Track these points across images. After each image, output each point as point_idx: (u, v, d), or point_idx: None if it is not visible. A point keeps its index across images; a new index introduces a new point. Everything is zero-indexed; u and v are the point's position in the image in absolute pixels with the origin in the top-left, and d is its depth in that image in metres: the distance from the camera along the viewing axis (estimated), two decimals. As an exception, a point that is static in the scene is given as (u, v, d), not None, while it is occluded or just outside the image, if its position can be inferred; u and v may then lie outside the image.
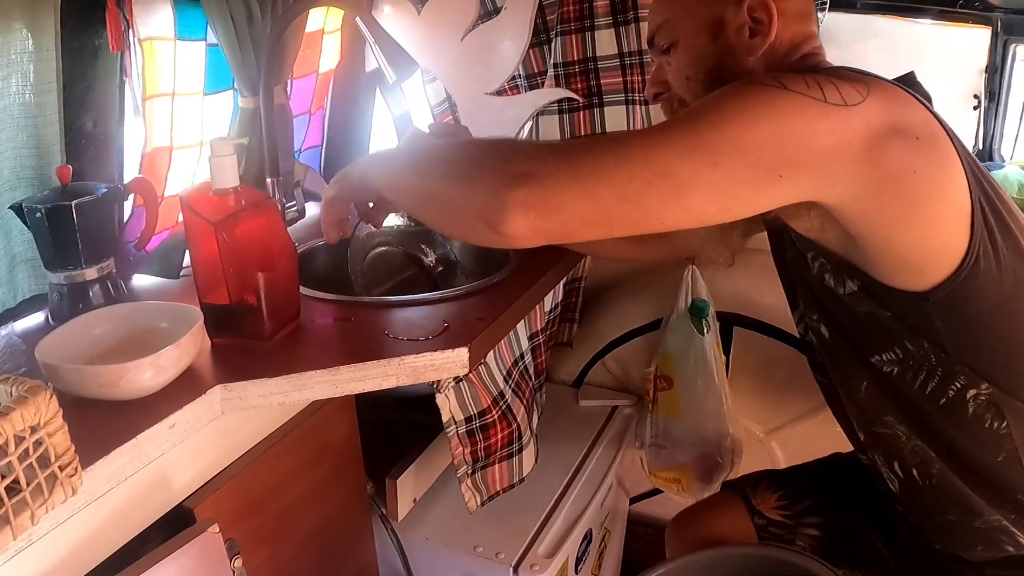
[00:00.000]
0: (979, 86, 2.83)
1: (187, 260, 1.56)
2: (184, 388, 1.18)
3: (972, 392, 1.20)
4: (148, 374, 1.12)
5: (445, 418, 1.49)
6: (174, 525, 1.22)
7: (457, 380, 1.47)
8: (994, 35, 2.72)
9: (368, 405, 1.64)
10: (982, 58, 2.81)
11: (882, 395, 1.31)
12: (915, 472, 1.34)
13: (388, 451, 1.82)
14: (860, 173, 1.06)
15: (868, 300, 1.21)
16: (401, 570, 1.86)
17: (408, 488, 1.80)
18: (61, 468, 0.94)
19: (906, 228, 1.11)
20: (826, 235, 1.21)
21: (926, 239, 1.12)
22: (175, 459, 1.23)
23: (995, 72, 2.78)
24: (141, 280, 1.63)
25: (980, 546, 1.36)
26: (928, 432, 1.28)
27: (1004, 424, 1.21)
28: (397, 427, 1.92)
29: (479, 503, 1.67)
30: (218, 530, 1.22)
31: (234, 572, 1.33)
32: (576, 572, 1.97)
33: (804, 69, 1.23)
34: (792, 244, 1.36)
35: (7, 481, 0.88)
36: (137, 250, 1.58)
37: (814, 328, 1.39)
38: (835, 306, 1.29)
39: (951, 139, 1.12)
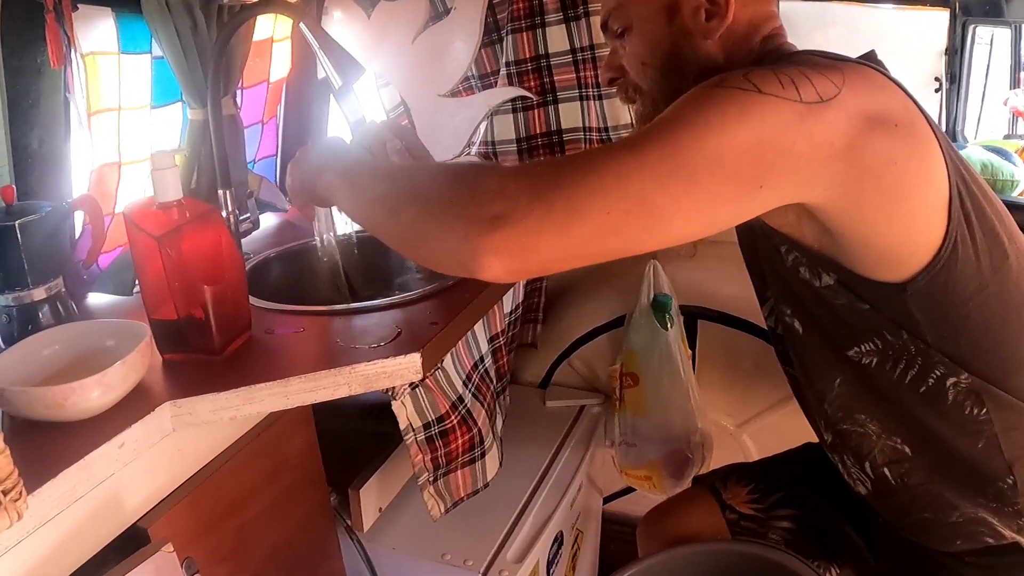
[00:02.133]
0: (940, 69, 2.83)
1: (139, 278, 1.55)
2: (133, 406, 1.16)
3: (952, 380, 1.19)
4: (95, 393, 1.10)
5: (402, 425, 1.47)
6: (129, 546, 1.20)
7: (413, 386, 1.45)
8: (952, 16, 2.72)
9: (329, 415, 1.62)
10: (941, 40, 2.81)
11: (857, 390, 1.29)
12: (886, 472, 1.33)
13: (351, 461, 1.80)
14: (841, 172, 1.02)
15: (845, 293, 1.19)
16: (369, 581, 1.85)
17: (372, 498, 1.78)
18: (4, 492, 0.91)
19: (887, 221, 1.09)
20: (802, 230, 1.18)
21: (907, 230, 1.10)
22: (128, 479, 1.21)
23: (955, 54, 2.78)
24: (96, 299, 1.60)
25: (959, 540, 1.35)
26: (906, 424, 1.27)
27: (984, 411, 1.20)
28: (359, 437, 1.90)
29: (443, 510, 1.65)
30: (172, 549, 1.20)
31: (192, 592, 1.31)
32: None
33: (769, 56, 1.20)
34: (764, 237, 1.32)
35: (-54, 508, 0.87)
36: (84, 268, 1.56)
37: (786, 322, 1.36)
38: (811, 299, 1.26)
39: (927, 121, 1.10)
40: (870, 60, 1.15)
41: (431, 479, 1.58)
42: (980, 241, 1.13)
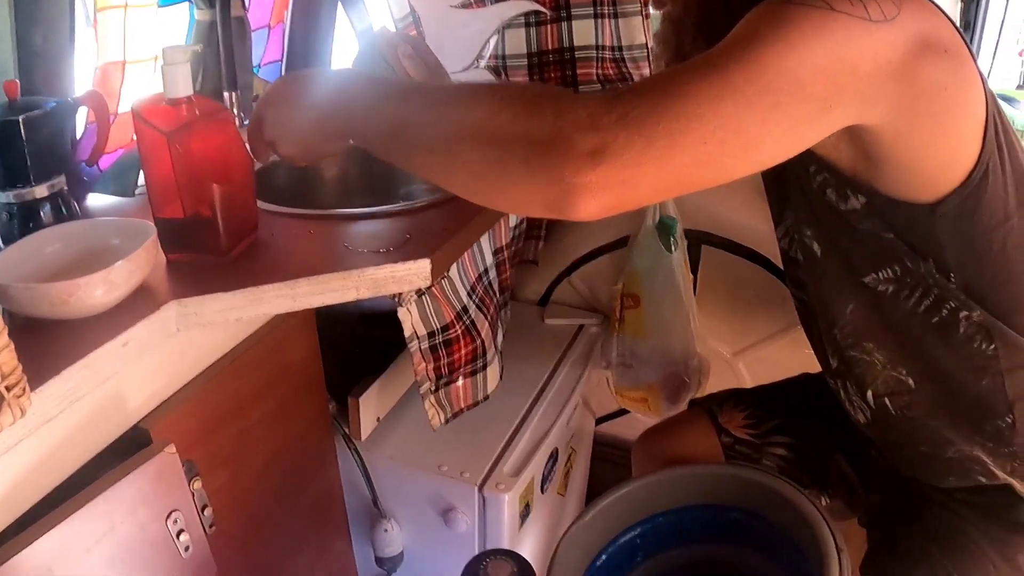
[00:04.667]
0: (955, 15, 2.80)
1: (142, 178, 1.52)
2: (138, 305, 1.14)
3: (964, 314, 1.18)
4: (99, 291, 1.08)
5: (407, 333, 1.47)
6: (130, 447, 1.20)
7: (419, 294, 1.44)
8: (970, -36, 2.70)
9: (330, 322, 1.62)
10: (958, -12, 2.79)
11: (870, 317, 1.27)
12: (888, 402, 1.33)
13: (351, 370, 1.80)
14: (897, 93, 1.00)
15: (871, 217, 1.17)
16: (365, 491, 1.85)
17: (371, 407, 1.79)
18: (8, 388, 0.90)
19: (931, 146, 1.06)
20: (839, 152, 1.14)
21: (946, 155, 1.08)
22: (130, 379, 1.20)
23: (971, 2, 2.76)
24: (97, 200, 1.58)
25: (951, 477, 1.36)
26: (913, 356, 1.26)
27: (992, 347, 1.19)
28: (360, 345, 1.90)
29: (443, 420, 1.65)
30: (175, 451, 1.20)
31: (193, 495, 1.31)
32: (542, 491, 1.98)
33: None
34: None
35: (-50, 402, 0.86)
36: (88, 166, 1.54)
37: (804, 244, 1.34)
38: (833, 222, 1.24)
39: (970, 51, 1.07)
40: None
41: (433, 388, 1.58)
42: (1009, 173, 1.12)
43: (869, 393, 1.34)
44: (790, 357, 1.91)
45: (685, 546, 1.66)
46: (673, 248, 2.13)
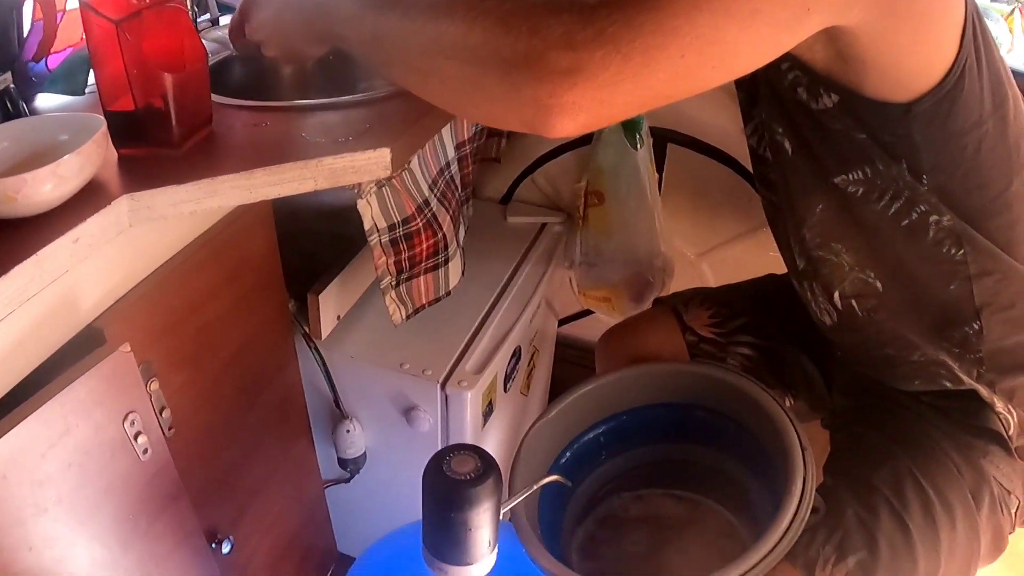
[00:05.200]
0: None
1: (92, 77, 1.47)
2: (88, 200, 1.10)
3: (935, 218, 1.17)
4: (48, 186, 1.04)
5: (367, 225, 1.43)
6: (85, 348, 1.17)
7: (379, 185, 1.40)
8: None
9: (289, 218, 1.58)
10: None
11: (839, 218, 1.25)
12: (854, 304, 1.32)
13: (310, 267, 1.76)
14: None
15: (844, 117, 1.14)
16: (326, 391, 1.84)
17: (331, 304, 1.76)
18: (-47, 287, 0.87)
19: (909, 48, 1.04)
20: (813, 53, 1.10)
21: (923, 55, 1.05)
22: (83, 278, 1.17)
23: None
24: (46, 100, 1.52)
25: (917, 380, 1.36)
26: (881, 258, 1.25)
27: (961, 252, 1.19)
28: (320, 241, 1.87)
29: (404, 316, 1.63)
30: (129, 350, 1.17)
31: (151, 396, 1.29)
32: (505, 390, 1.97)
33: None
34: None
35: None
36: (35, 62, 1.48)
37: (775, 142, 1.30)
38: (804, 121, 1.21)
39: None
40: None
41: (393, 283, 1.55)
42: (985, 77, 1.10)
43: (836, 295, 1.33)
44: (755, 259, 1.90)
45: (649, 445, 1.66)
46: (639, 145, 2.10)
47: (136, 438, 1.23)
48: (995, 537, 1.36)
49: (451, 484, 1.08)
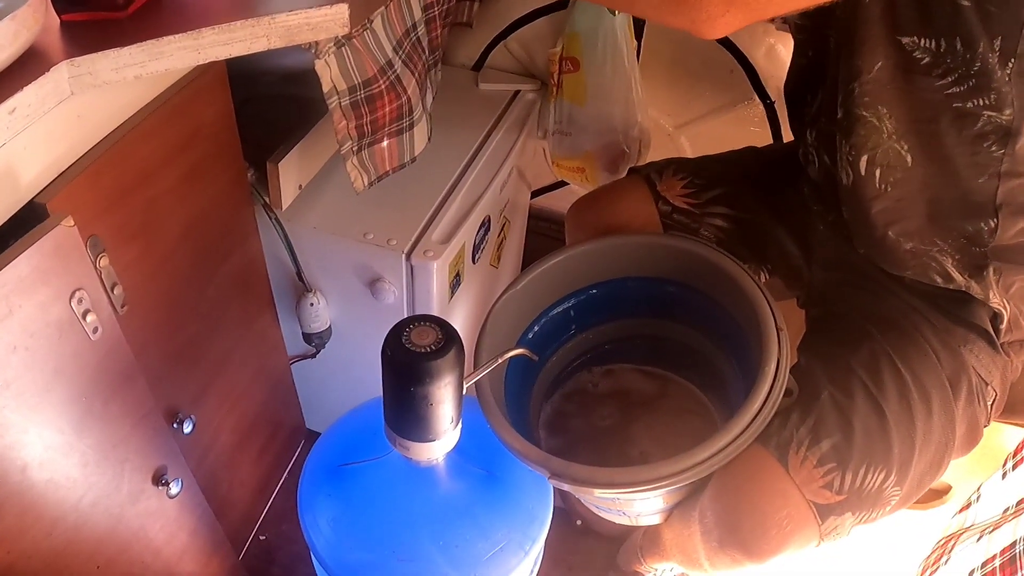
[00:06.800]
0: None
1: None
2: (25, 69, 1.02)
3: (989, 114, 1.13)
4: (-20, 55, 0.97)
5: (326, 88, 1.36)
6: (27, 226, 1.10)
7: (339, 45, 1.33)
8: None
9: (246, 83, 1.51)
10: None
11: (894, 81, 1.19)
12: (877, 173, 1.27)
13: (271, 134, 1.69)
14: None
15: None
16: (289, 263, 1.78)
17: (292, 173, 1.69)
18: None
19: None
20: None
21: None
22: (23, 151, 1.10)
23: None
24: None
25: (908, 271, 1.34)
26: (922, 133, 1.21)
27: (1002, 152, 1.15)
28: (281, 108, 1.79)
29: (367, 183, 1.56)
30: (72, 223, 1.11)
31: (100, 272, 1.24)
32: (473, 261, 1.92)
33: None
34: None
35: None
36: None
37: None
38: None
39: None
40: None
41: (355, 149, 1.48)
42: None
43: (864, 159, 1.28)
44: (735, 133, 1.85)
45: (620, 319, 1.64)
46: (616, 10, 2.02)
47: (85, 316, 1.18)
48: (970, 428, 1.35)
49: (410, 357, 1.05)
